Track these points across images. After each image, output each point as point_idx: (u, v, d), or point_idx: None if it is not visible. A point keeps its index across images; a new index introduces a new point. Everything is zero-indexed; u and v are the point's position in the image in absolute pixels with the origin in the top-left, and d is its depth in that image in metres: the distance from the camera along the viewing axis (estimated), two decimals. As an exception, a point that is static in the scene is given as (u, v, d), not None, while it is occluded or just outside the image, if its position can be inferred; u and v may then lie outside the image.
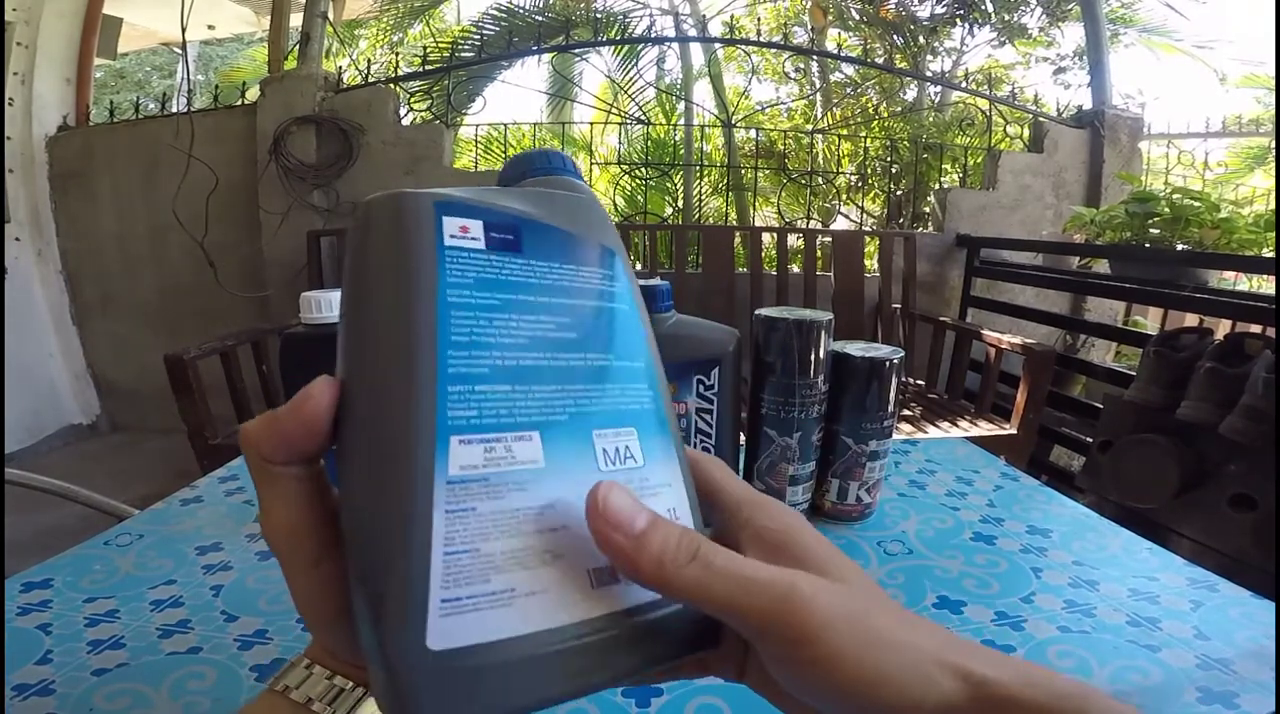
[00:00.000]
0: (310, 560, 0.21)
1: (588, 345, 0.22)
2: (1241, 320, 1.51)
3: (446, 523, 0.18)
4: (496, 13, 3.53)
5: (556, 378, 0.21)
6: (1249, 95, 5.02)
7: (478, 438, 0.19)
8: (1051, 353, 1.69)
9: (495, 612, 0.18)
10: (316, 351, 0.50)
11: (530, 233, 0.23)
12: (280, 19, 2.63)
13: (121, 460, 2.54)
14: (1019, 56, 4.06)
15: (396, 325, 0.20)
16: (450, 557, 0.18)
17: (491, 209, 0.22)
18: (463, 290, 0.20)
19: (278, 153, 2.38)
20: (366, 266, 0.21)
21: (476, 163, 3.30)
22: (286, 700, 0.24)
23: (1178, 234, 1.78)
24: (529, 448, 0.20)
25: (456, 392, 0.19)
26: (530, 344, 0.21)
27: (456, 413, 0.19)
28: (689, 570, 0.19)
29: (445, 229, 0.21)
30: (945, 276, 2.60)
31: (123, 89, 7.55)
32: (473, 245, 0.21)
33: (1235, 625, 0.45)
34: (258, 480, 0.21)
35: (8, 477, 0.84)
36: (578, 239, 0.24)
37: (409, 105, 2.62)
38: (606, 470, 0.21)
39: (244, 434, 0.21)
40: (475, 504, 0.19)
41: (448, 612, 0.17)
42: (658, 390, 0.24)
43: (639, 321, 0.24)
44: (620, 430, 0.22)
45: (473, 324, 0.20)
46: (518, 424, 0.20)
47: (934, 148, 3.21)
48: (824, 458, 0.60)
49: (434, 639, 0.17)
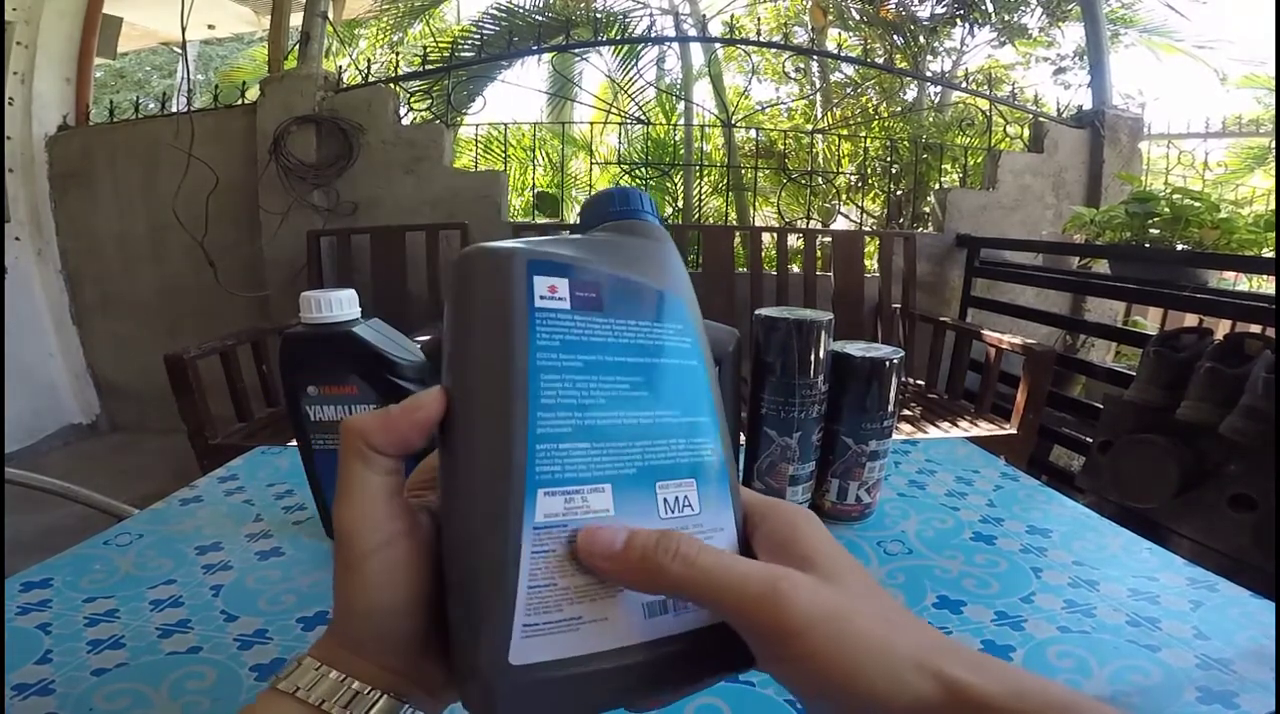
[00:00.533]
0: (373, 549, 0.22)
1: (657, 402, 0.25)
2: (1241, 320, 1.51)
3: (531, 563, 0.21)
4: (496, 13, 3.53)
5: (628, 435, 0.24)
6: (1249, 95, 5.02)
7: (559, 490, 0.22)
8: (1051, 353, 1.69)
9: (565, 635, 0.22)
10: (317, 351, 0.50)
11: (610, 289, 0.25)
12: (280, 19, 2.63)
13: (121, 460, 2.54)
14: (1019, 56, 4.06)
15: (494, 386, 0.23)
16: (533, 590, 0.21)
17: (577, 267, 0.25)
18: (550, 353, 0.23)
19: (278, 152, 2.38)
20: (467, 321, 0.24)
21: (476, 162, 3.30)
22: (296, 703, 0.23)
23: (1178, 234, 1.78)
24: (602, 499, 0.23)
25: (543, 450, 0.22)
26: (607, 403, 0.24)
27: (543, 468, 0.22)
28: (673, 567, 0.21)
29: (536, 290, 0.24)
30: (945, 276, 2.60)
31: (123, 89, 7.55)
32: (559, 306, 0.24)
33: (1235, 625, 0.45)
34: (351, 467, 0.23)
35: (8, 477, 0.84)
36: (652, 292, 0.26)
37: (409, 105, 2.62)
38: (666, 518, 0.24)
39: (351, 424, 0.23)
40: (555, 547, 0.22)
41: (528, 634, 0.21)
42: (718, 440, 0.26)
43: (704, 375, 0.26)
44: (681, 481, 0.25)
45: (559, 387, 0.23)
46: (593, 477, 0.23)
47: (934, 148, 3.21)
48: (824, 458, 0.60)
49: (515, 656, 0.21)
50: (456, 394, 0.23)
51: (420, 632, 0.23)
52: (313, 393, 0.50)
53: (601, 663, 0.22)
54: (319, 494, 0.55)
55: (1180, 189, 1.88)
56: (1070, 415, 2.00)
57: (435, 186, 2.49)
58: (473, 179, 2.54)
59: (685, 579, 0.21)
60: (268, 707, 0.24)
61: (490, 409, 0.23)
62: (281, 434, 1.62)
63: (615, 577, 0.22)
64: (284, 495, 0.65)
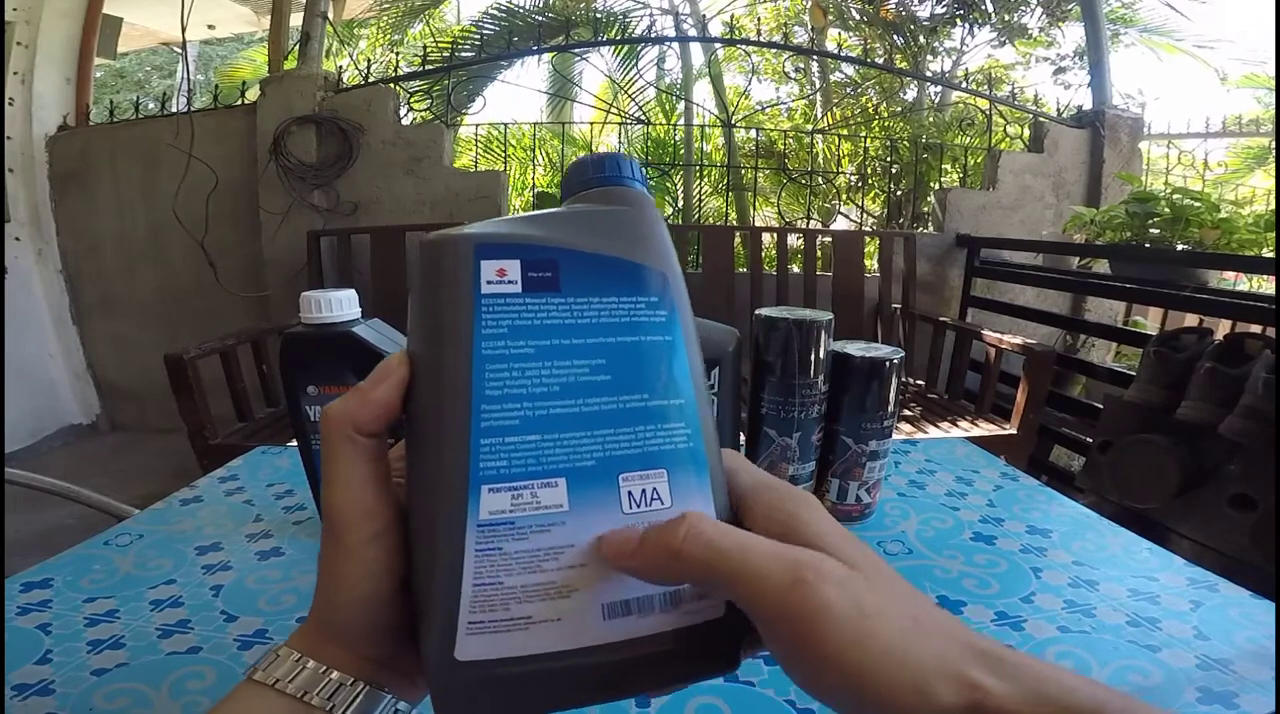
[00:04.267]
0: (365, 538, 0.22)
1: (622, 387, 0.23)
2: (1241, 320, 1.52)
3: (475, 561, 0.21)
4: (496, 13, 3.53)
5: (586, 424, 0.22)
6: (1249, 95, 5.02)
7: (506, 486, 0.21)
8: (1051, 353, 1.69)
9: (513, 634, 0.21)
10: (317, 351, 0.50)
11: (570, 267, 0.23)
12: (280, 19, 2.63)
13: (121, 460, 2.54)
14: (1019, 56, 4.06)
15: (438, 379, 0.22)
16: (478, 588, 0.21)
17: (529, 246, 0.23)
18: (497, 342, 0.22)
19: (278, 153, 2.38)
20: (420, 311, 0.23)
21: (476, 162, 3.30)
22: (275, 694, 0.23)
23: (1178, 234, 1.78)
24: (554, 494, 0.22)
25: (488, 445, 0.21)
26: (562, 391, 0.22)
27: (487, 464, 0.21)
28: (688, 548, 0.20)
29: (483, 275, 0.22)
30: (945, 276, 2.60)
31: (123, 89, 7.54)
32: (509, 289, 0.22)
33: (1235, 625, 0.45)
34: (340, 453, 0.23)
35: (8, 477, 0.84)
36: (622, 266, 0.24)
37: (409, 105, 2.62)
38: (630, 513, 0.22)
39: (333, 411, 0.23)
40: (501, 545, 0.21)
41: (473, 632, 0.21)
42: (696, 424, 0.24)
43: (681, 353, 0.24)
44: (648, 472, 0.23)
45: (505, 377, 0.22)
46: (545, 471, 0.22)
47: (934, 148, 3.21)
48: (824, 458, 0.60)
49: (461, 652, 0.21)
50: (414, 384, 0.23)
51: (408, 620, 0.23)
52: (313, 393, 0.50)
53: (553, 663, 0.21)
54: (319, 494, 0.55)
55: (1180, 189, 1.88)
56: (1070, 415, 2.00)
57: (435, 186, 2.49)
58: (473, 179, 2.54)
59: (703, 561, 0.20)
60: (244, 700, 0.23)
61: (435, 404, 0.22)
62: (281, 434, 1.62)
63: (637, 574, 0.21)
64: (284, 495, 0.65)
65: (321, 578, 0.23)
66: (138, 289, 2.72)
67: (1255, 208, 3.48)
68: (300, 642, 0.24)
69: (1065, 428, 1.98)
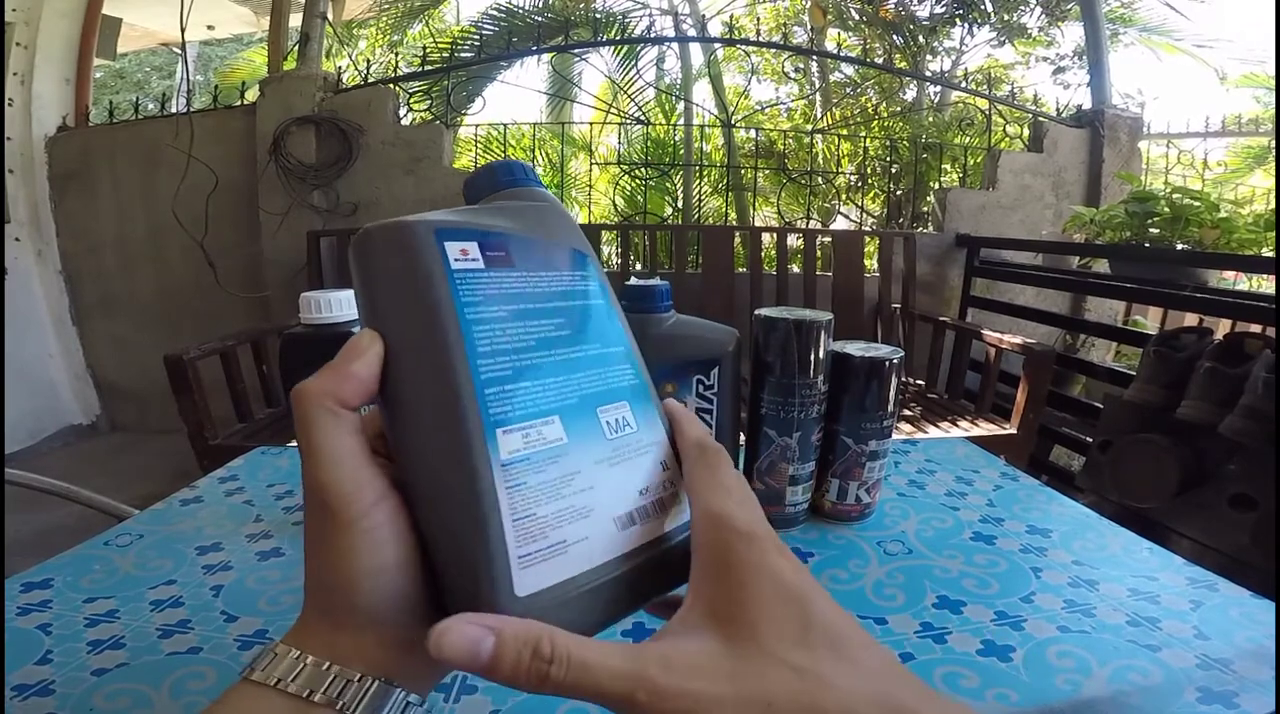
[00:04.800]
0: (364, 510, 0.22)
1: (580, 339, 0.27)
2: (1241, 320, 1.51)
3: (508, 497, 0.23)
4: (496, 13, 3.53)
5: (562, 370, 0.26)
6: (1249, 95, 5.02)
7: (515, 427, 0.24)
8: (1051, 353, 1.69)
9: (556, 560, 0.23)
10: (317, 352, 0.50)
11: (517, 247, 0.27)
12: (280, 19, 2.63)
13: (121, 460, 2.54)
14: (1019, 56, 4.06)
15: (431, 344, 0.24)
16: (517, 523, 0.22)
17: (482, 230, 0.26)
18: (475, 308, 0.24)
19: (277, 153, 2.38)
20: (383, 291, 0.25)
21: (476, 162, 3.30)
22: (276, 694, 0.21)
23: (1177, 234, 1.78)
24: (554, 430, 0.25)
25: (492, 393, 0.24)
26: (537, 345, 0.26)
27: (495, 409, 0.23)
28: (543, 683, 0.19)
29: (449, 254, 0.25)
30: (945, 276, 2.60)
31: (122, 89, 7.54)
32: (474, 266, 0.25)
33: (1235, 625, 0.45)
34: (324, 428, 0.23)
35: (8, 477, 0.84)
36: (554, 247, 0.28)
37: (409, 105, 2.62)
38: (612, 438, 0.26)
39: (310, 387, 0.23)
40: (524, 479, 0.23)
41: (524, 565, 0.22)
42: (637, 367, 0.29)
43: (613, 312, 0.29)
44: (617, 405, 0.27)
45: (491, 335, 0.24)
46: (541, 412, 0.25)
47: (934, 148, 3.21)
48: (824, 458, 0.60)
49: (520, 588, 0.22)
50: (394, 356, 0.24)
51: (413, 590, 0.23)
52: (313, 393, 0.50)
53: (594, 578, 0.23)
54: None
55: (1180, 188, 1.88)
56: (1070, 415, 2.00)
57: (435, 187, 2.49)
58: (472, 179, 2.53)
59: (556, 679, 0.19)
60: (242, 702, 0.22)
61: (433, 365, 0.23)
62: (281, 434, 1.62)
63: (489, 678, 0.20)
64: (284, 495, 0.65)
65: (318, 563, 0.22)
66: (137, 290, 2.72)
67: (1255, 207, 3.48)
68: (299, 638, 0.23)
69: (1065, 428, 1.98)
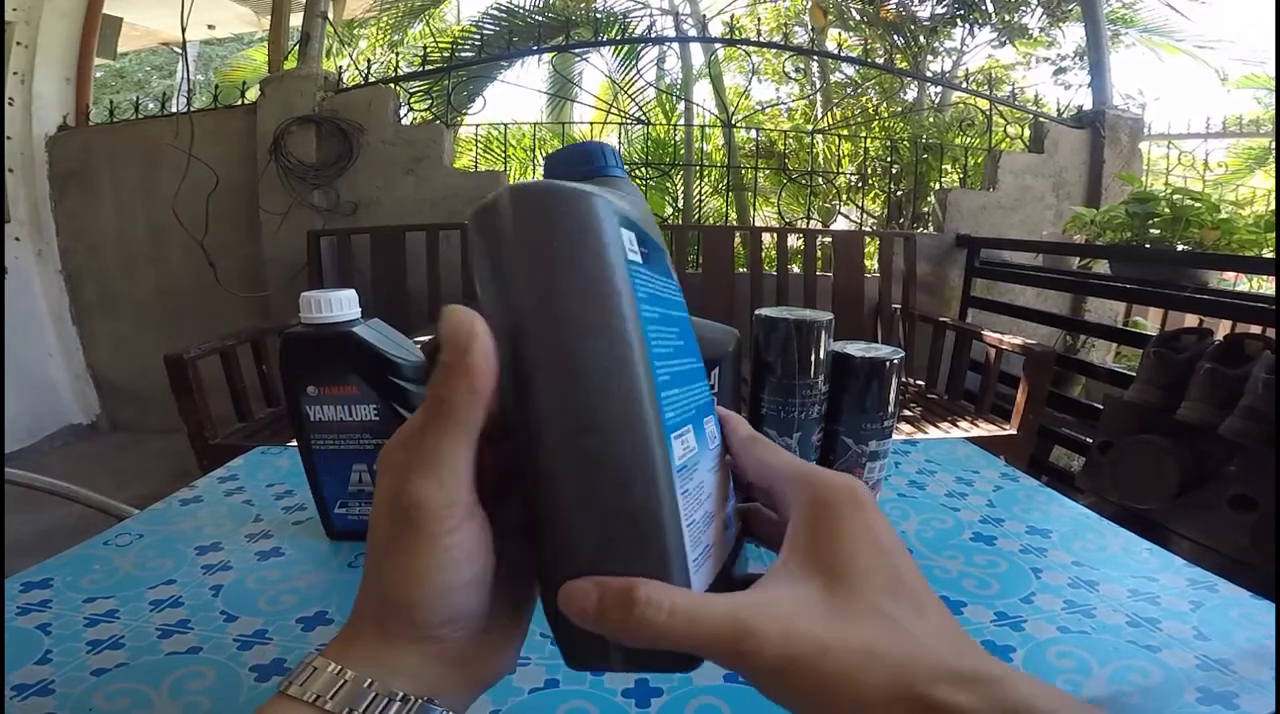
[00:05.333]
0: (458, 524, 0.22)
1: (688, 351, 0.27)
2: (1241, 321, 1.52)
3: (683, 502, 0.22)
4: (496, 13, 3.53)
5: (685, 380, 0.25)
6: (1249, 95, 5.02)
7: (679, 434, 0.23)
8: (1051, 353, 1.69)
9: (708, 564, 0.24)
10: (317, 351, 0.50)
11: (650, 247, 0.26)
12: (280, 19, 2.63)
13: (121, 460, 2.54)
14: (1019, 57, 4.06)
15: (614, 339, 0.22)
16: (688, 527, 0.23)
17: (636, 223, 0.25)
18: (644, 305, 0.23)
19: (278, 153, 2.38)
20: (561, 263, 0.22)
21: (476, 162, 3.30)
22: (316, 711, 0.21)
23: (1178, 234, 1.78)
24: (690, 438, 0.24)
25: (666, 396, 0.23)
26: (673, 353, 0.25)
27: (669, 415, 0.23)
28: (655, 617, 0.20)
29: (626, 244, 0.23)
30: (945, 277, 2.60)
31: (123, 89, 7.55)
32: (637, 259, 0.24)
33: (1235, 626, 0.45)
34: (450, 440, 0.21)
35: (8, 476, 0.84)
36: (659, 249, 0.27)
37: (409, 105, 2.62)
38: (710, 450, 0.26)
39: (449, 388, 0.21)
40: (685, 485, 0.23)
41: (695, 567, 0.22)
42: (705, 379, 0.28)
43: (689, 321, 0.29)
44: (710, 418, 0.27)
45: (657, 337, 0.24)
46: (682, 421, 0.24)
47: (934, 148, 3.22)
48: (824, 458, 0.60)
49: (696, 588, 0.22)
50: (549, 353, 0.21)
51: (477, 608, 0.23)
52: (313, 393, 0.50)
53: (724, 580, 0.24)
54: (319, 494, 0.54)
55: (1180, 189, 1.88)
56: (1070, 416, 2.00)
57: (435, 186, 2.49)
58: (473, 179, 2.54)
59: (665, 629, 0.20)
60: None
61: (620, 360, 0.21)
62: (281, 434, 1.62)
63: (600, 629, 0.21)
64: (284, 495, 0.65)
65: (388, 575, 0.22)
66: (137, 289, 2.72)
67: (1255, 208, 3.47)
68: (343, 647, 0.22)
69: (1065, 428, 1.98)
